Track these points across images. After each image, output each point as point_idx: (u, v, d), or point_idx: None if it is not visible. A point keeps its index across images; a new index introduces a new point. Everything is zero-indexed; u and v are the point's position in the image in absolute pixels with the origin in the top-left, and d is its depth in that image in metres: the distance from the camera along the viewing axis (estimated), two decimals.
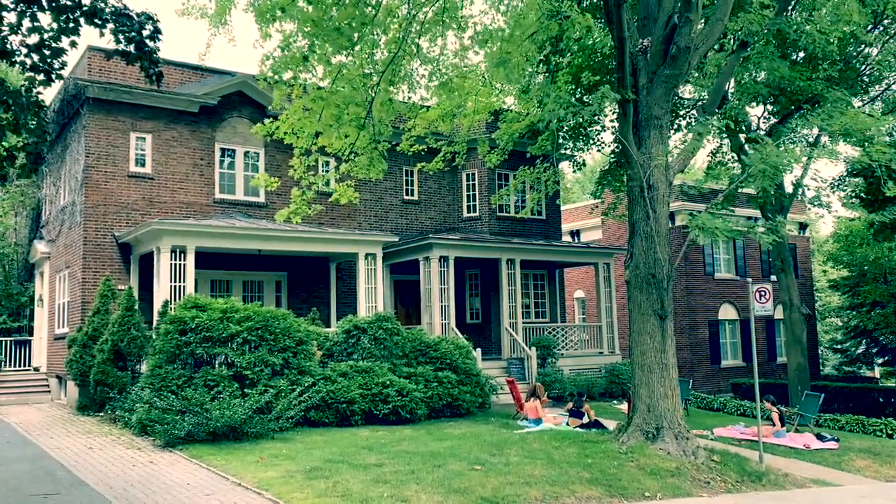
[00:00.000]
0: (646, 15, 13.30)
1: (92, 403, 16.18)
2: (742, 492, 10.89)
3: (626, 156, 13.35)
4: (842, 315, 40.24)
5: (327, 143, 13.14)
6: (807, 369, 23.09)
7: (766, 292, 13.21)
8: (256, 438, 12.63)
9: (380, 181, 22.54)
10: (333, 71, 11.95)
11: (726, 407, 21.33)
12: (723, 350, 30.66)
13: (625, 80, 12.72)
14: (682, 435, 12.25)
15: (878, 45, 20.18)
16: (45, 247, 22.15)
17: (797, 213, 33.32)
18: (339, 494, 8.94)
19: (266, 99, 19.90)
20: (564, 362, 22.04)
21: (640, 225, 13.00)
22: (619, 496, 9.76)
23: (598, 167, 32.78)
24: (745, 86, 19.73)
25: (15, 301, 24.94)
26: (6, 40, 7.10)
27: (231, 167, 20.50)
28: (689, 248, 13.55)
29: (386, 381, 14.90)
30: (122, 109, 18.87)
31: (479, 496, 9.06)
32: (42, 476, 10.26)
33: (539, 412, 15.71)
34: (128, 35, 7.43)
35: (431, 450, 11.71)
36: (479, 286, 24.92)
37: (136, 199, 18.88)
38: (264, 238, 18.08)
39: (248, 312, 14.35)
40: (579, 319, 34.03)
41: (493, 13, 15.44)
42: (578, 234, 34.96)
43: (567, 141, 22.93)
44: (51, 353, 20.93)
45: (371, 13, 11.37)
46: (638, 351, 12.85)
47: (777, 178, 13.57)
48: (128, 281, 18.39)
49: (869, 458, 14.26)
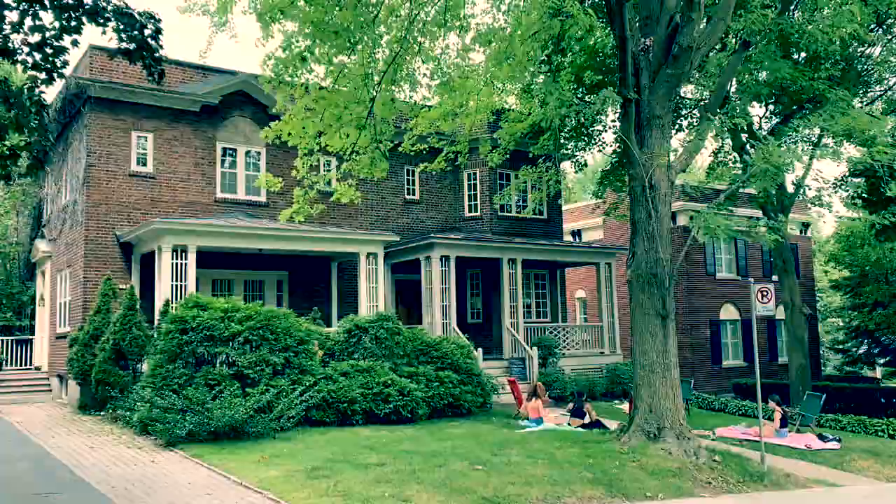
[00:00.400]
0: (648, 14, 13.28)
1: (93, 402, 16.18)
2: (744, 492, 10.88)
3: (628, 155, 13.34)
4: (843, 315, 40.20)
5: (329, 143, 13.14)
6: (808, 369, 23.08)
7: (768, 292, 13.19)
8: (257, 438, 12.63)
9: (381, 181, 22.53)
10: (335, 71, 11.94)
11: (727, 407, 21.31)
12: (724, 350, 30.63)
13: (627, 80, 12.71)
14: (684, 435, 12.24)
15: (881, 45, 20.15)
16: (47, 246, 22.16)
17: (798, 213, 33.28)
18: (341, 494, 8.93)
19: (268, 98, 19.87)
20: (566, 362, 22.03)
21: (641, 225, 12.98)
22: (620, 496, 9.75)
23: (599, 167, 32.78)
24: (747, 85, 19.70)
25: (16, 300, 24.99)
26: (8, 39, 7.10)
27: (233, 166, 20.50)
28: (690, 247, 13.55)
29: (387, 380, 14.89)
30: (123, 108, 18.88)
31: (480, 496, 9.05)
32: (43, 475, 10.26)
33: (540, 412, 15.70)
34: (129, 34, 7.42)
35: (433, 449, 11.70)
36: (481, 286, 24.90)
37: (137, 199, 18.88)
38: (266, 237, 18.08)
39: (250, 312, 14.34)
40: (580, 319, 34.01)
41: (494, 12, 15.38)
42: (580, 233, 34.94)
43: (569, 141, 22.90)
44: (52, 353, 20.93)
45: (371, 14, 11.36)
46: (639, 351, 12.84)
47: (779, 178, 13.58)
48: (129, 280, 18.38)
49: (871, 459, 14.25)
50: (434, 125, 17.32)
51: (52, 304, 21.51)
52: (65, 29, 7.18)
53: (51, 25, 7.19)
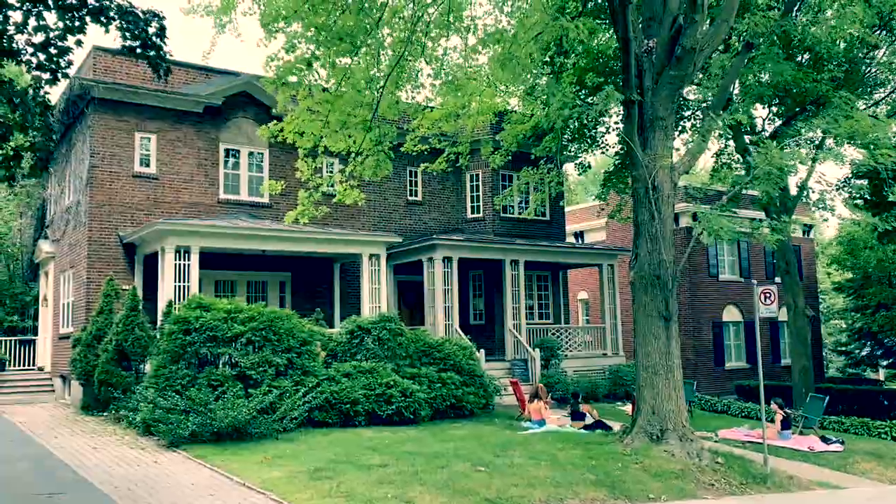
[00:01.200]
0: (651, 16, 13.27)
1: (96, 403, 16.19)
2: (746, 494, 10.85)
3: (631, 157, 13.32)
4: (846, 317, 40.14)
5: (332, 145, 13.15)
6: (811, 371, 23.03)
7: (771, 294, 13.17)
8: (260, 438, 12.63)
9: (384, 182, 22.55)
10: (338, 73, 11.95)
11: (730, 409, 21.28)
12: (727, 352, 30.58)
13: (630, 82, 12.70)
14: (687, 437, 12.22)
15: (884, 47, 20.12)
16: (50, 247, 22.19)
17: (801, 214, 33.22)
18: (343, 495, 8.93)
19: (271, 99, 19.87)
20: (568, 364, 22.01)
21: (644, 226, 12.97)
22: (623, 498, 9.74)
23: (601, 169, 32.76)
24: (750, 87, 19.69)
25: (19, 301, 25.03)
26: (12, 39, 7.11)
27: (236, 167, 20.52)
28: (693, 249, 13.53)
29: (389, 381, 14.89)
30: (127, 109, 18.90)
31: (483, 497, 9.05)
32: (46, 475, 10.27)
33: (543, 413, 15.69)
34: (134, 32, 7.43)
35: (435, 451, 11.69)
36: (483, 287, 24.89)
37: (140, 200, 18.91)
38: (268, 238, 18.09)
39: (252, 312, 14.35)
40: (583, 321, 33.99)
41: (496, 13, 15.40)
42: (582, 235, 34.93)
43: (572, 143, 22.91)
44: (55, 353, 20.96)
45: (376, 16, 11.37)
46: (642, 353, 12.83)
47: (782, 180, 13.55)
48: (132, 281, 18.40)
49: (874, 461, 14.22)
50: (436, 126, 17.35)
51: (55, 305, 21.53)
52: (68, 29, 7.19)
53: (54, 26, 7.20)
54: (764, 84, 19.67)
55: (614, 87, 12.83)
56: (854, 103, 18.36)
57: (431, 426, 14.63)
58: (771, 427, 15.39)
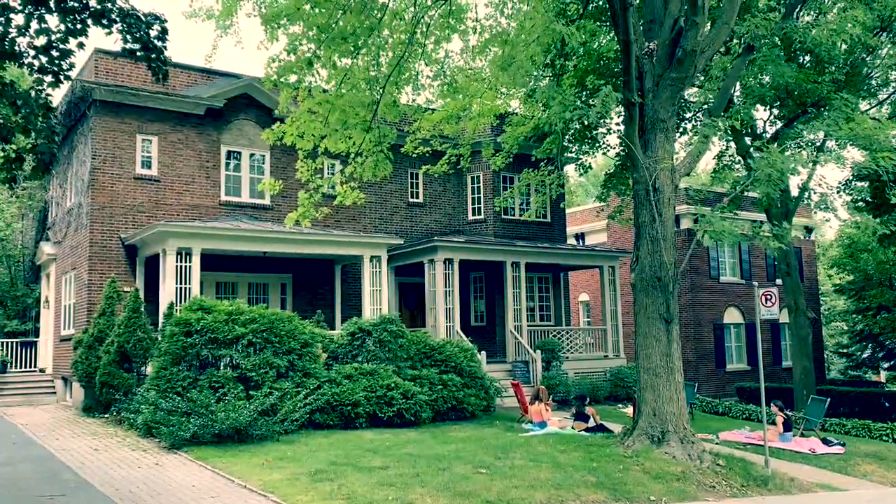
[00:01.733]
0: (651, 18, 13.29)
1: (97, 405, 16.20)
2: (748, 496, 10.85)
3: (632, 159, 13.33)
4: (847, 319, 40.10)
5: (332, 146, 13.16)
6: (812, 373, 22.99)
7: (772, 296, 13.16)
8: (261, 440, 12.64)
9: (385, 184, 22.59)
10: (339, 74, 11.97)
11: (731, 411, 21.25)
12: (728, 354, 30.56)
13: (630, 84, 12.70)
14: (688, 439, 12.21)
15: (885, 49, 20.11)
16: (52, 248, 22.21)
17: (802, 216, 33.21)
18: (345, 497, 8.93)
19: (272, 101, 19.92)
20: (569, 365, 22.01)
21: (645, 228, 12.97)
22: (624, 500, 9.73)
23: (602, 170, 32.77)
24: (751, 89, 19.68)
25: (21, 303, 25.04)
26: (14, 42, 7.13)
27: (237, 169, 20.54)
28: (694, 250, 13.54)
29: (391, 383, 14.89)
30: (128, 112, 18.93)
31: (484, 499, 9.05)
32: (48, 477, 10.28)
33: (544, 415, 15.68)
34: (135, 34, 7.45)
35: (436, 453, 11.69)
36: (484, 289, 24.90)
37: (142, 201, 18.93)
38: (269, 240, 18.11)
39: (254, 314, 14.37)
40: (584, 323, 33.99)
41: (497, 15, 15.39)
42: (583, 237, 34.93)
43: (572, 144, 22.90)
44: (57, 355, 20.97)
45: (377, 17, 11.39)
46: (643, 354, 12.82)
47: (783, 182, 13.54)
48: (133, 283, 18.42)
49: (875, 463, 14.21)
50: (437, 128, 17.36)
51: (56, 307, 21.55)
52: (70, 32, 7.21)
53: (56, 28, 7.22)
54: (765, 86, 19.66)
55: (613, 88, 12.82)
56: (855, 105, 18.35)
57: (432, 428, 14.64)
58: (772, 429, 15.38)
